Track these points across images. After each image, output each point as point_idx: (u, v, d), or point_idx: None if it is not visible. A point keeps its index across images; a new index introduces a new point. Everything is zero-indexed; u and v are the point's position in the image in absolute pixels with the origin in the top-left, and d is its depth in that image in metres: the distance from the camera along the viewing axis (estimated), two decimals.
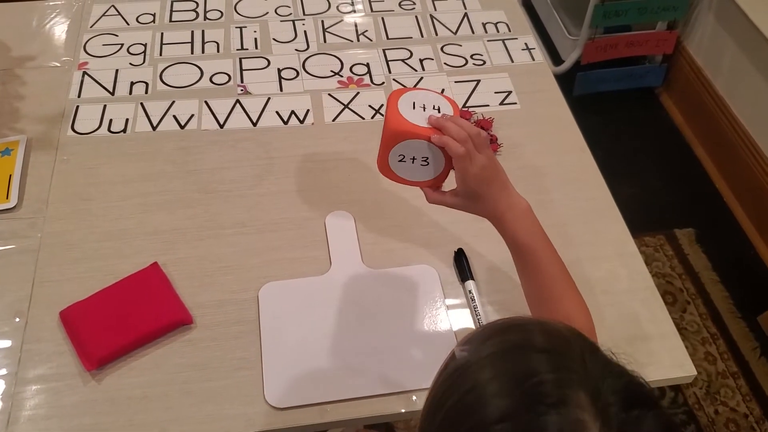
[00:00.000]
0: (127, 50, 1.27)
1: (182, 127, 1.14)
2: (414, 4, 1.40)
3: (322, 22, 1.35)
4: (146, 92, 1.19)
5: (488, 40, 1.32)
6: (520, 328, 0.53)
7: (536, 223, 0.80)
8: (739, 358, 1.79)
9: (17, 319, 0.89)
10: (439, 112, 0.81)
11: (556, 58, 2.41)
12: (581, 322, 0.76)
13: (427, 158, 0.82)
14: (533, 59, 1.29)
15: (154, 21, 1.33)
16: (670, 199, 2.15)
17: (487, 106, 1.19)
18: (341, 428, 1.01)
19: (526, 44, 1.31)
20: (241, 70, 1.24)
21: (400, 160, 0.82)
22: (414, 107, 0.81)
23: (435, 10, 1.39)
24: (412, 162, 0.82)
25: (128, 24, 1.32)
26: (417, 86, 1.15)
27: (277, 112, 1.17)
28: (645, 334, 0.92)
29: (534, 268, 0.79)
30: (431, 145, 0.80)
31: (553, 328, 0.53)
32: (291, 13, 1.36)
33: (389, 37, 1.32)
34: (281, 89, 1.21)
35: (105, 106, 1.16)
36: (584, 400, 0.45)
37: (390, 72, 1.25)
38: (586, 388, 0.46)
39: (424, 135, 0.79)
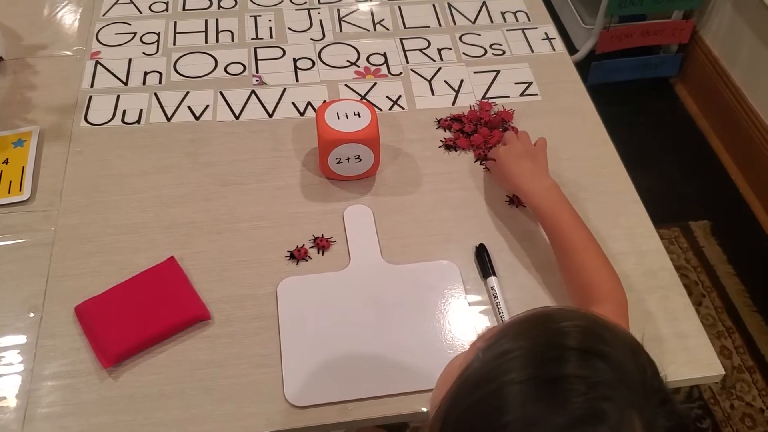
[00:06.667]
0: (140, 39, 1.25)
1: (197, 118, 1.12)
2: None
3: (338, 10, 1.32)
4: (160, 82, 1.17)
5: (507, 30, 1.30)
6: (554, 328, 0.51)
7: (560, 196, 0.91)
8: (755, 352, 1.77)
9: (32, 314, 0.88)
10: (359, 116, 0.96)
11: (570, 47, 2.37)
12: (607, 286, 0.82)
13: (359, 155, 0.98)
14: (554, 49, 1.26)
15: (167, 9, 1.31)
16: (685, 191, 2.13)
17: (507, 97, 1.17)
18: (344, 429, 1.00)
19: (546, 34, 1.29)
20: (256, 59, 1.21)
21: (338, 162, 0.98)
22: (338, 117, 0.96)
23: None
24: (348, 161, 0.98)
25: (141, 12, 1.30)
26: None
27: (293, 103, 1.14)
28: (670, 333, 0.90)
29: (556, 234, 0.89)
30: (359, 145, 0.96)
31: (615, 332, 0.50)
32: (306, 2, 1.34)
33: (406, 26, 1.30)
34: (297, 80, 1.19)
35: (118, 96, 1.14)
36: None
37: (408, 62, 1.22)
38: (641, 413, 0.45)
39: (353, 138, 0.95)
